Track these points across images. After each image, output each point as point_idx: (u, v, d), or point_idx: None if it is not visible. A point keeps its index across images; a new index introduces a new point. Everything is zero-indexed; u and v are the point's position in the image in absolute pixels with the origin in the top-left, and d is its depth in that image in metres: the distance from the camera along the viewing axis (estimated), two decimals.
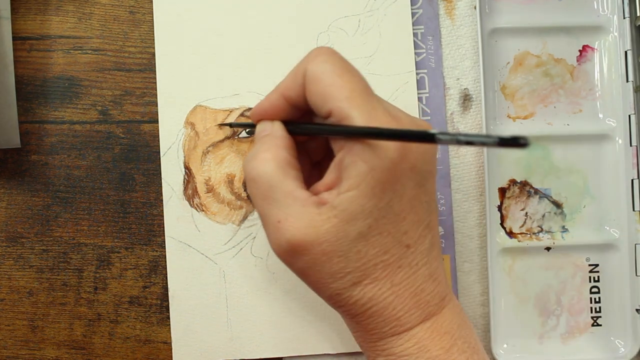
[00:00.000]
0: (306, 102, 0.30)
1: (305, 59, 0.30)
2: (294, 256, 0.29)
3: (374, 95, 0.29)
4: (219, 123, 0.40)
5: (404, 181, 0.28)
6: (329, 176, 0.29)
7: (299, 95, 0.30)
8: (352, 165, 0.28)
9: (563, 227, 0.42)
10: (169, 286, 0.39)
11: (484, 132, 0.40)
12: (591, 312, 0.41)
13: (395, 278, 0.29)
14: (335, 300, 0.30)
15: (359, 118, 0.28)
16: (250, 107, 0.40)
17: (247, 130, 0.40)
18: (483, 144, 0.23)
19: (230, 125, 0.39)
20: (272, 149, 0.30)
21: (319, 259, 0.29)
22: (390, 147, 0.28)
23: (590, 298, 0.41)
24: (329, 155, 0.34)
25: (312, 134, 0.33)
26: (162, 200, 0.40)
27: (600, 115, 0.42)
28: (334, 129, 0.29)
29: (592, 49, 0.42)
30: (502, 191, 0.41)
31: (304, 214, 0.28)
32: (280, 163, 0.30)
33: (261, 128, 0.32)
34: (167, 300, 0.40)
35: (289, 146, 0.31)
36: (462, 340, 0.30)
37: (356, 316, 0.30)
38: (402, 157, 0.28)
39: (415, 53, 0.41)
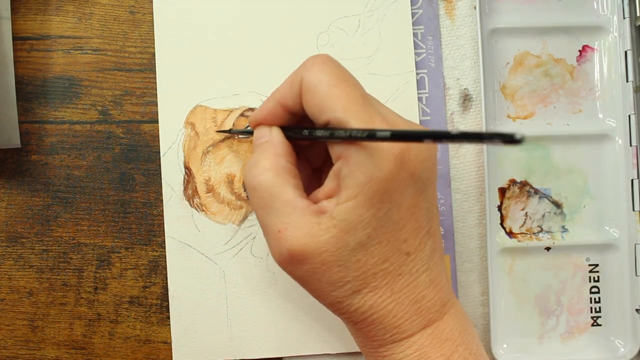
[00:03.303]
0: (303, 109, 0.30)
1: (301, 67, 0.30)
2: (295, 265, 0.29)
3: (370, 104, 0.29)
4: (218, 129, 0.40)
5: (403, 190, 0.28)
6: (328, 184, 0.29)
7: (296, 103, 0.30)
8: (350, 175, 0.28)
9: (563, 227, 0.42)
10: (169, 286, 0.39)
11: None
12: (591, 312, 0.41)
13: (395, 286, 0.29)
14: (336, 308, 0.30)
15: (356, 127, 0.28)
16: (251, 107, 0.40)
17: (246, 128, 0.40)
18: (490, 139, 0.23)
19: (229, 131, 0.39)
20: (271, 157, 0.30)
21: (318, 268, 0.29)
22: (388, 157, 0.28)
23: (590, 298, 0.41)
24: (328, 160, 0.34)
25: (310, 139, 0.33)
26: (162, 200, 0.40)
27: (600, 115, 0.42)
28: (333, 133, 0.29)
29: (592, 49, 0.42)
30: (502, 191, 0.41)
31: (304, 223, 0.28)
32: (279, 171, 0.30)
33: (259, 134, 0.32)
34: (167, 300, 0.40)
35: (287, 153, 0.31)
36: (464, 347, 0.30)
37: (357, 323, 0.30)
38: (401, 166, 0.28)
39: (415, 53, 0.41)
